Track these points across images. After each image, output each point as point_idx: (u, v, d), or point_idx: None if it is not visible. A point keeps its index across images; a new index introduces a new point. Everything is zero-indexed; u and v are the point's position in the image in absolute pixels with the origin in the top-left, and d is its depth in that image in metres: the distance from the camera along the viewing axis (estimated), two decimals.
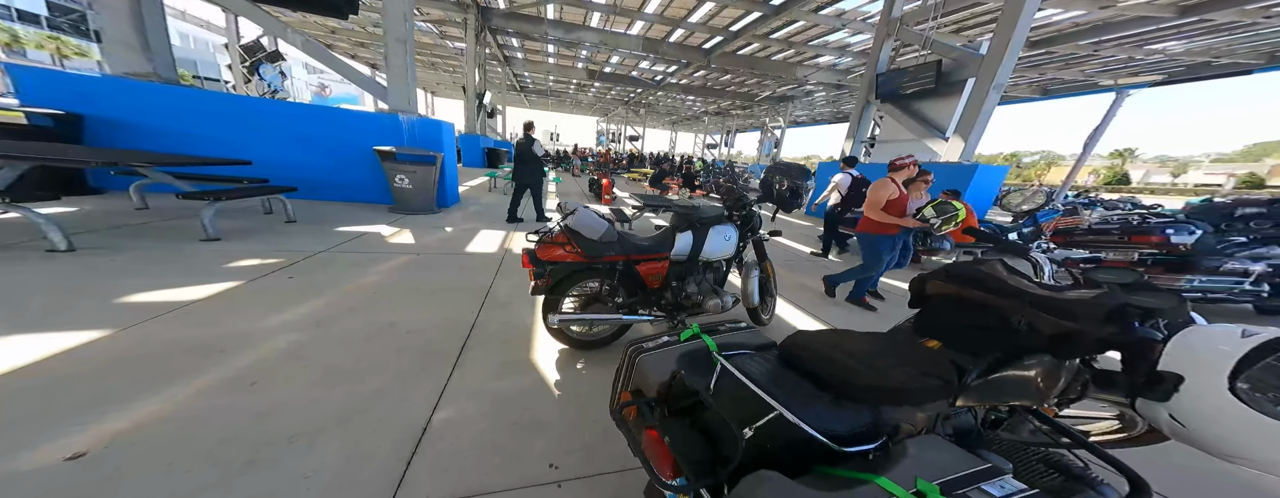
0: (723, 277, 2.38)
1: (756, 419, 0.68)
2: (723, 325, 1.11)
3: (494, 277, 3.11)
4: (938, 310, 1.00)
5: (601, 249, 1.91)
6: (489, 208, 6.38)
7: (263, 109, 4.96)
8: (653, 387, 0.93)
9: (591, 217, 1.98)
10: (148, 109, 4.45)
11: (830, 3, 10.22)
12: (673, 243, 2.11)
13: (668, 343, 1.04)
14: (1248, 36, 9.46)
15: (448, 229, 4.56)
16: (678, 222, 2.21)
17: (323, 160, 5.20)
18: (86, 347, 1.72)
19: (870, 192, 2.96)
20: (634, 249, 2.00)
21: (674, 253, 2.11)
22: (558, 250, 1.89)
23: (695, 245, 2.13)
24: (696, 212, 2.24)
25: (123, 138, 4.43)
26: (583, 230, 1.90)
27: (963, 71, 5.96)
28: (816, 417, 0.66)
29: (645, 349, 1.03)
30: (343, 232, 3.94)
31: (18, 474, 1.11)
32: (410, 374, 1.74)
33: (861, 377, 0.70)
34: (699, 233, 2.15)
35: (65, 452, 1.19)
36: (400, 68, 5.16)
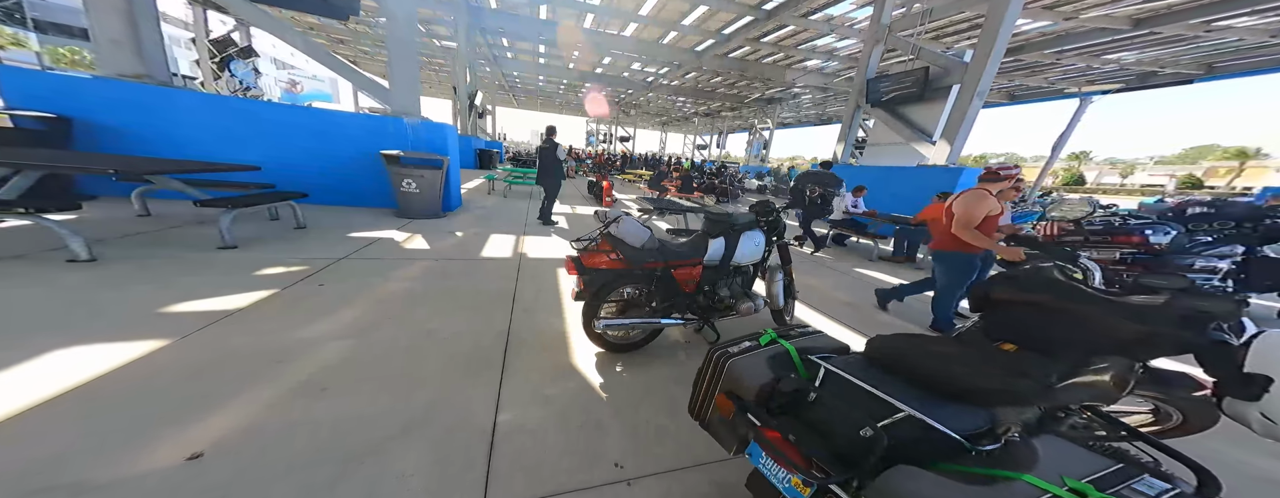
0: (750, 280, 2.49)
1: (877, 419, 0.73)
2: (793, 330, 1.19)
3: (515, 282, 3.17)
4: (1008, 316, 1.06)
5: (643, 256, 1.99)
6: (493, 211, 6.38)
7: (261, 112, 4.85)
8: (750, 389, 0.98)
9: (635, 225, 2.06)
10: (140, 112, 4.31)
11: (820, 8, 10.53)
12: (706, 249, 2.20)
13: (751, 348, 1.11)
14: (1189, 48, 10.28)
15: (458, 234, 4.57)
16: (711, 228, 2.30)
17: (325, 164, 5.13)
18: (155, 355, 1.74)
19: (961, 206, 2.53)
20: (672, 256, 2.10)
21: (707, 258, 2.21)
22: (602, 258, 1.97)
23: (727, 251, 2.23)
24: (731, 218, 2.33)
25: (114, 142, 4.28)
26: (627, 238, 1.98)
27: (948, 78, 6.28)
28: (946, 417, 0.71)
29: (732, 354, 1.09)
30: (356, 238, 3.92)
31: (148, 473, 1.19)
32: (463, 381, 1.81)
33: (971, 379, 0.76)
34: (731, 239, 2.25)
35: (184, 452, 1.25)
36: (404, 70, 5.12)
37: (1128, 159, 59.73)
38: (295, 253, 3.26)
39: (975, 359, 0.86)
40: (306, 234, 3.85)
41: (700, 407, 1.16)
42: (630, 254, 1.96)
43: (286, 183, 4.52)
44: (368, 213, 5.15)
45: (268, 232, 3.80)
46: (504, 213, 6.32)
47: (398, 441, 1.41)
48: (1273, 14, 7.86)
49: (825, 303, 3.47)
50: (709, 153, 31.15)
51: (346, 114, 5.24)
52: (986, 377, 0.78)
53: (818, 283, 4.06)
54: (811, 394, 0.87)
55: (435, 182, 5.06)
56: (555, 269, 3.59)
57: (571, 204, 8.14)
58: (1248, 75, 11.38)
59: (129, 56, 4.21)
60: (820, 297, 3.62)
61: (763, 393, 0.96)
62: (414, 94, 5.22)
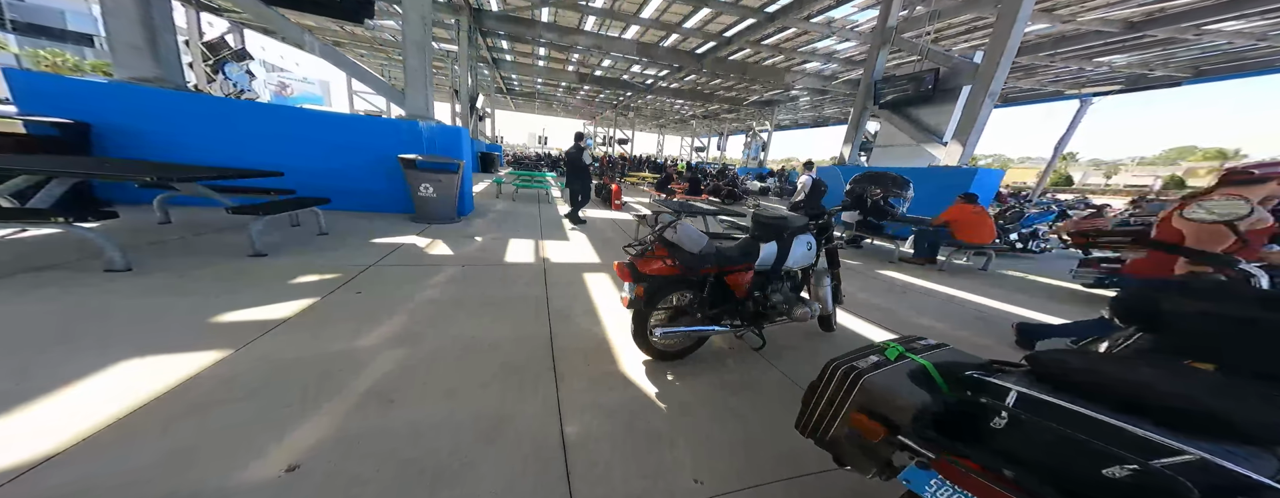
0: (799, 284, 2.49)
1: (1111, 457, 0.61)
2: (916, 343, 1.12)
3: (544, 288, 3.18)
4: (1195, 330, 0.94)
5: (700, 262, 1.97)
6: (506, 215, 6.38)
7: (276, 116, 4.82)
8: (903, 410, 0.88)
9: (693, 230, 2.04)
10: (157, 116, 4.27)
11: (821, 11, 10.65)
12: (757, 253, 2.18)
13: (880, 363, 1.02)
14: (1179, 51, 10.56)
15: (477, 239, 4.57)
16: (762, 232, 2.28)
17: (341, 169, 5.11)
18: (220, 366, 1.75)
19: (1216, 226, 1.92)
20: (727, 261, 2.08)
21: (758, 263, 2.19)
22: (657, 264, 1.94)
23: (780, 255, 2.24)
24: (785, 222, 2.31)
25: (132, 147, 4.23)
26: (685, 244, 1.97)
27: (958, 79, 6.38)
28: (1238, 461, 0.57)
29: (861, 369, 1.00)
30: (379, 244, 3.91)
31: (250, 485, 1.20)
32: (520, 390, 1.82)
33: (1250, 412, 0.61)
34: (784, 243, 2.25)
35: (280, 465, 1.26)
36: (418, 72, 5.12)
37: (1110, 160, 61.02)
38: (325, 260, 3.25)
39: (1227, 386, 0.71)
40: (330, 241, 3.83)
41: (819, 424, 1.08)
42: (687, 260, 1.93)
43: (304, 188, 4.50)
44: (384, 218, 5.13)
45: (291, 238, 3.78)
46: (517, 217, 6.32)
47: (476, 453, 1.43)
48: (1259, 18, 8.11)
49: (854, 306, 3.50)
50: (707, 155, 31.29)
51: (362, 117, 5.23)
52: (1259, 409, 0.64)
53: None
54: (998, 420, 0.76)
55: (452, 186, 5.06)
56: (581, 274, 3.61)
57: None
58: (1233, 77, 11.72)
59: (146, 61, 4.17)
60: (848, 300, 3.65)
61: (921, 415, 0.86)
62: (428, 96, 5.22)
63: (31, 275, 2.41)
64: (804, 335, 2.66)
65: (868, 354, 1.09)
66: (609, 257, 4.30)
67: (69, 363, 1.65)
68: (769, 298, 2.29)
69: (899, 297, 3.85)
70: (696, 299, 2.12)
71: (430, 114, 5.29)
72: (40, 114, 3.83)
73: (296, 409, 1.53)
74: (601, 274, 3.65)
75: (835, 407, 1.03)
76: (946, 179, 6.18)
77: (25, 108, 3.90)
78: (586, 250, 4.51)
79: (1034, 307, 3.83)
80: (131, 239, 3.25)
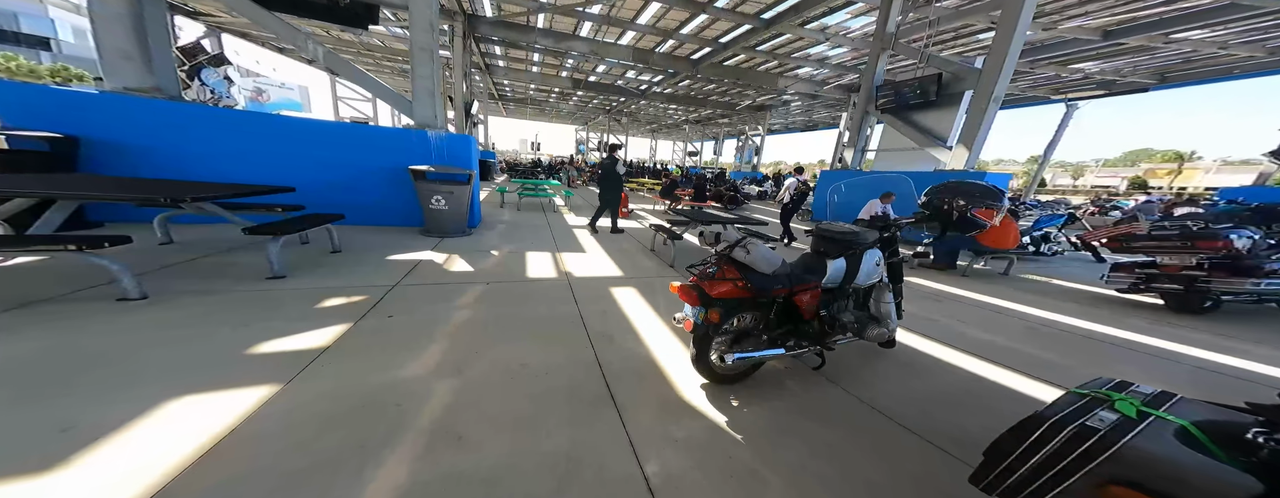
0: (862, 300, 2.40)
1: None
2: (1136, 389, 1.00)
3: (575, 305, 3.09)
4: None
5: (773, 283, 1.88)
6: (515, 227, 6.25)
7: (282, 128, 4.62)
8: (1200, 490, 0.73)
9: (765, 251, 1.94)
10: (151, 129, 4.05)
11: (816, 18, 10.85)
12: (825, 270, 2.08)
13: (1123, 423, 0.88)
14: (1147, 59, 11.12)
15: (493, 253, 4.44)
16: (830, 248, 2.18)
17: (347, 181, 4.92)
18: (274, 403, 1.63)
19: None
20: (798, 281, 2.00)
21: (826, 280, 2.08)
22: (726, 286, 1.83)
23: (849, 272, 2.15)
24: (857, 237, 2.18)
25: (125, 162, 3.99)
26: (759, 265, 1.88)
27: (960, 84, 6.50)
28: None
29: (1107, 433, 0.84)
30: (396, 262, 3.77)
31: None
32: (584, 422, 1.72)
33: None
34: (853, 259, 2.16)
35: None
36: (427, 80, 4.99)
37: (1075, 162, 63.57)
38: (345, 281, 3.10)
39: None
40: (344, 259, 3.67)
41: (1024, 489, 0.92)
42: (761, 282, 1.84)
43: (311, 202, 4.32)
44: (394, 232, 4.96)
45: (304, 257, 3.60)
46: (526, 228, 6.20)
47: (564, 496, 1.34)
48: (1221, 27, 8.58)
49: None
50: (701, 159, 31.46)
51: (369, 128, 5.06)
52: None
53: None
54: None
55: (463, 197, 4.93)
56: (607, 289, 3.52)
57: (587, 216, 8.04)
58: (1194, 85, 12.36)
59: (138, 70, 3.95)
60: None
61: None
62: (437, 104, 5.09)
63: (38, 309, 2.22)
64: (859, 353, 2.59)
65: (1091, 410, 0.92)
66: (629, 268, 4.22)
67: (112, 409, 1.51)
68: (837, 317, 2.21)
69: (934, 305, 3.84)
70: (762, 320, 2.03)
71: (440, 123, 5.15)
72: (24, 128, 3.58)
73: (370, 451, 1.42)
74: (628, 288, 3.57)
75: (1059, 474, 0.88)
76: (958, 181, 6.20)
77: (8, 121, 3.64)
78: (606, 263, 4.42)
79: (1078, 315, 3.73)
80: (137, 263, 3.04)
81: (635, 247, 5.39)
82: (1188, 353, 2.99)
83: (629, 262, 4.50)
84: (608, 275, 3.94)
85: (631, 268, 4.24)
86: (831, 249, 2.19)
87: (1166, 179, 43.98)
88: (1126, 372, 2.56)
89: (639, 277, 3.95)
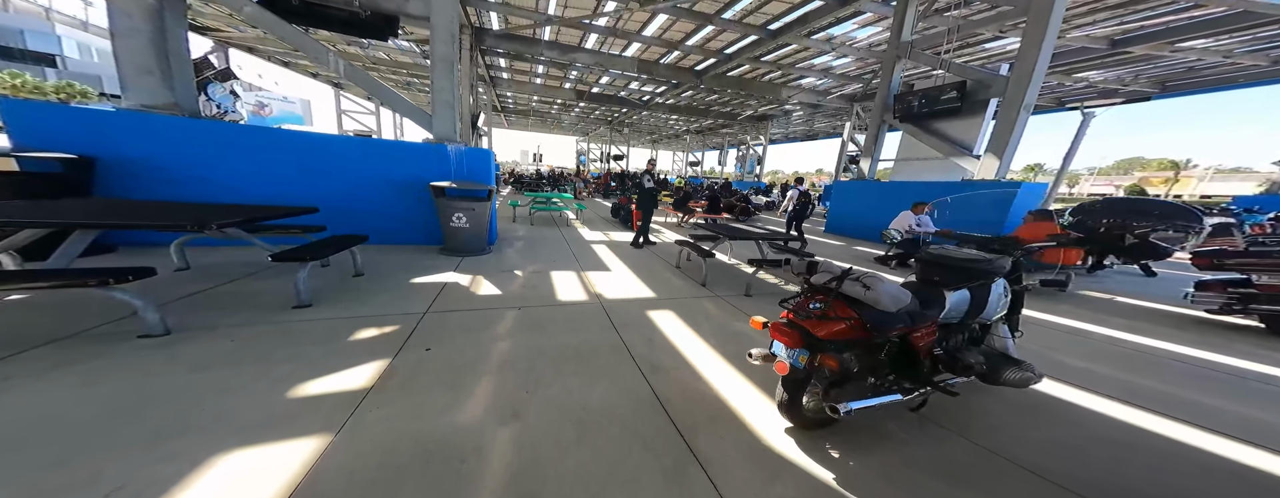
0: (978, 336, 2.10)
1: None
2: None
3: (614, 331, 2.94)
4: None
5: (893, 322, 1.63)
6: (532, 243, 6.11)
7: (302, 144, 4.49)
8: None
9: (893, 287, 1.69)
10: (170, 148, 3.92)
11: (822, 28, 10.94)
12: (943, 303, 1.82)
13: None
14: (1149, 67, 11.22)
15: (517, 273, 4.30)
16: (951, 277, 1.90)
17: (367, 199, 4.79)
18: (328, 458, 1.48)
19: None
20: (920, 318, 1.74)
21: (946, 315, 1.83)
22: (839, 326, 1.59)
23: (974, 305, 1.89)
24: (988, 265, 1.92)
25: (141, 183, 3.86)
26: (882, 302, 1.62)
27: (986, 92, 6.41)
28: None
29: None
30: (420, 285, 3.62)
31: None
32: (672, 480, 1.54)
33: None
34: (980, 290, 1.89)
35: None
36: (446, 91, 4.89)
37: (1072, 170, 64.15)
38: (373, 309, 2.95)
39: None
40: (368, 283, 3.52)
41: None
42: (879, 320, 1.60)
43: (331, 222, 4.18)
44: (413, 251, 4.82)
45: (327, 282, 3.45)
46: (545, 244, 6.06)
47: None
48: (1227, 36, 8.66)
49: None
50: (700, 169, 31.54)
51: (388, 142, 4.94)
52: None
53: None
54: None
55: (484, 214, 4.80)
56: (643, 312, 3.37)
57: (602, 230, 7.94)
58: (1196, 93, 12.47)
59: (157, 86, 3.84)
60: None
61: None
62: (456, 117, 4.99)
63: (59, 348, 2.06)
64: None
65: None
66: (661, 288, 4.07)
67: (161, 469, 1.37)
68: (958, 357, 1.88)
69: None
70: (870, 362, 1.77)
71: (460, 137, 5.05)
72: (37, 149, 3.45)
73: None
74: (666, 312, 3.42)
75: None
76: (990, 191, 6.02)
77: (21, 141, 3.50)
78: (634, 282, 4.28)
79: (1170, 338, 3.45)
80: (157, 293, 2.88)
81: (659, 263, 5.26)
82: None
83: (658, 281, 4.36)
84: (640, 296, 3.80)
85: (663, 288, 4.10)
86: (953, 279, 1.90)
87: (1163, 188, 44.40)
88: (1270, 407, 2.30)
89: (673, 297, 3.81)
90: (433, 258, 4.58)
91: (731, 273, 4.92)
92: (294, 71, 18.10)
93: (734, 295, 3.97)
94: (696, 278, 4.55)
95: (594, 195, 19.47)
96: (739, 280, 4.61)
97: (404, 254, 4.64)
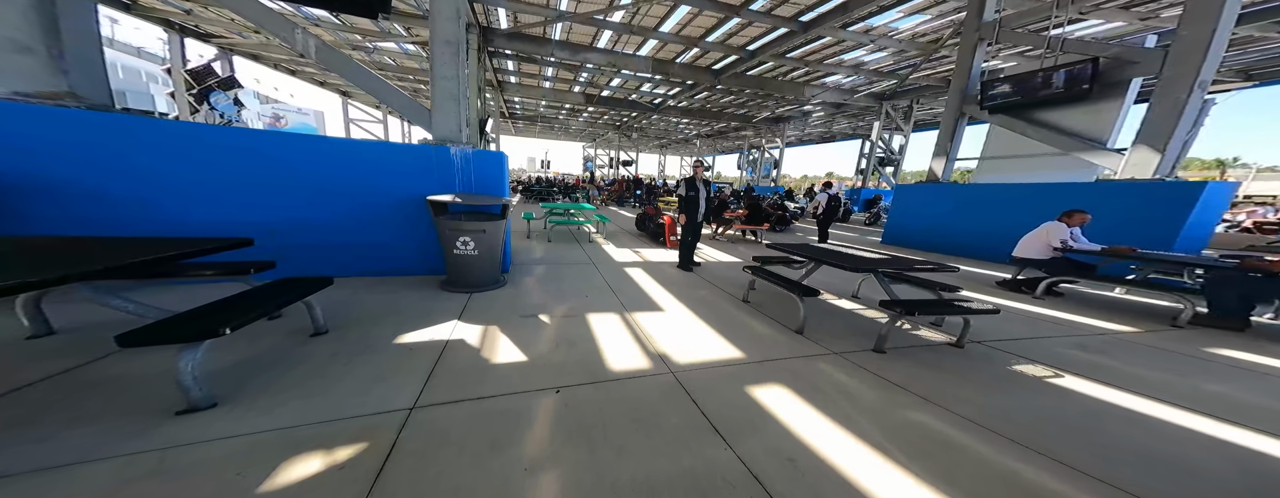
0: None
1: None
2: None
3: (719, 437, 1.76)
4: None
5: None
6: (555, 267, 4.93)
7: (251, 146, 3.37)
8: None
9: None
10: (60, 152, 2.81)
11: (862, 18, 9.98)
12: None
13: None
14: (1237, 54, 9.76)
15: (543, 319, 3.11)
16: None
17: (340, 218, 3.65)
18: None
19: None
20: None
21: None
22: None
23: None
24: None
25: (10, 204, 2.74)
26: None
27: (1128, 70, 5.13)
28: None
29: None
30: (409, 347, 2.45)
31: None
32: None
33: None
34: None
35: None
36: (450, 81, 3.79)
37: None
38: (327, 408, 1.78)
39: None
40: (330, 347, 2.36)
41: None
42: None
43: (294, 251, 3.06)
44: (406, 286, 3.66)
45: (265, 349, 2.29)
46: (570, 269, 4.88)
47: None
48: None
49: (1262, 419, 2.10)
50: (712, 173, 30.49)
51: (369, 143, 3.80)
52: None
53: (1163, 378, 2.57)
54: None
55: (496, 236, 3.65)
56: (744, 391, 2.18)
57: (630, 246, 6.76)
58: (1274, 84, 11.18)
59: (41, 68, 2.74)
60: (1212, 404, 2.25)
61: None
62: (462, 113, 3.88)
63: None
64: None
65: None
66: (746, 342, 2.88)
67: None
68: None
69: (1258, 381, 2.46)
70: None
71: (467, 138, 3.93)
72: None
73: None
74: (777, 387, 2.23)
75: None
76: (1148, 196, 4.72)
77: None
78: (702, 330, 3.09)
79: None
80: None
81: (719, 295, 4.07)
82: None
83: (735, 328, 3.16)
84: (724, 358, 2.61)
85: (748, 340, 2.91)
86: None
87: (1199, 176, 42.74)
88: None
89: (773, 358, 2.62)
90: (431, 297, 3.42)
91: (824, 309, 3.73)
92: (301, 80, 17.32)
93: (856, 350, 2.78)
94: (778, 317, 3.37)
95: (608, 204, 18.40)
96: (839, 320, 3.42)
97: (392, 291, 3.48)
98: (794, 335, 3.02)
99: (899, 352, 2.79)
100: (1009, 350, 2.92)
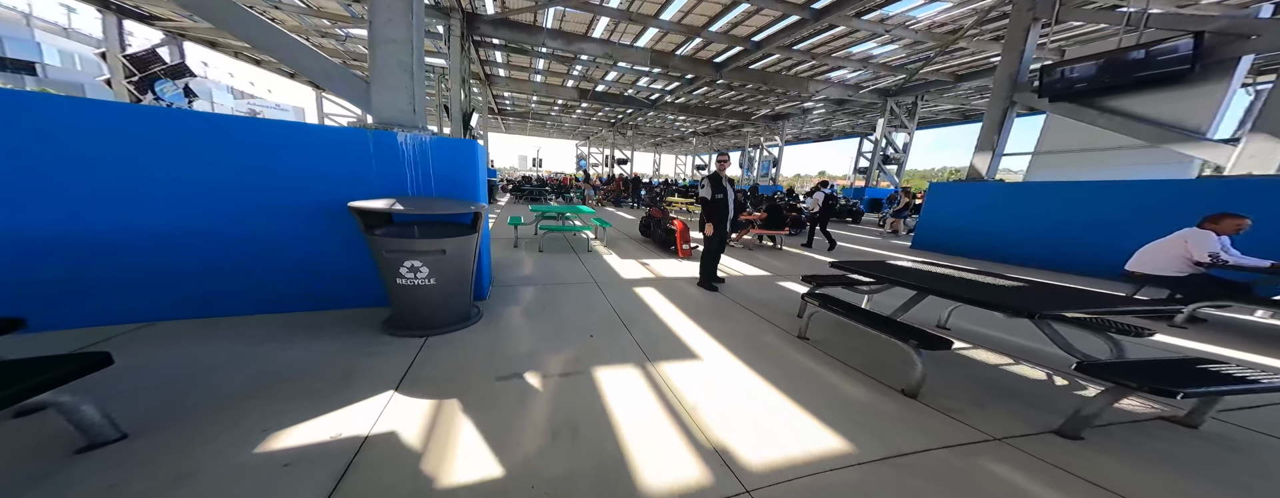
0: None
1: None
2: None
3: None
4: None
5: None
6: (549, 291, 3.82)
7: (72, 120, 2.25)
8: None
9: None
10: None
11: (877, 6, 9.19)
12: None
13: None
14: None
15: (531, 381, 2.07)
16: None
17: (228, 229, 2.55)
18: None
19: None
20: None
21: None
22: None
23: None
24: None
25: None
26: None
27: (1235, 47, 4.21)
28: None
29: None
30: (277, 456, 1.38)
31: None
32: None
33: None
34: None
35: None
36: (398, 48, 2.72)
37: None
38: None
39: None
40: (101, 470, 1.28)
41: None
42: None
43: (115, 285, 1.97)
44: (326, 323, 2.57)
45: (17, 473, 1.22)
46: (568, 291, 3.80)
47: None
48: None
49: None
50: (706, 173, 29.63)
51: (268, 122, 2.67)
52: None
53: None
54: None
55: (464, 257, 2.57)
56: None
57: (634, 256, 5.72)
58: None
59: None
60: None
61: None
62: (415, 89, 2.81)
63: None
64: None
65: None
66: (827, 409, 1.88)
67: None
68: None
69: None
70: None
71: (418, 121, 2.85)
72: None
73: None
74: None
75: None
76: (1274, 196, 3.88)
77: None
78: (761, 392, 2.08)
79: None
80: None
81: (762, 327, 3.05)
82: None
83: (812, 387, 2.14)
84: (818, 453, 1.59)
85: (844, 416, 1.89)
86: None
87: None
88: None
89: (904, 455, 1.60)
90: (362, 345, 2.33)
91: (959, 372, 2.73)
92: (267, 70, 15.95)
93: (1030, 433, 1.78)
94: (861, 364, 2.36)
95: (604, 204, 17.34)
96: (948, 365, 2.39)
97: (302, 339, 2.39)
98: (907, 403, 2.01)
99: (1099, 434, 1.79)
100: (1261, 430, 1.89)
